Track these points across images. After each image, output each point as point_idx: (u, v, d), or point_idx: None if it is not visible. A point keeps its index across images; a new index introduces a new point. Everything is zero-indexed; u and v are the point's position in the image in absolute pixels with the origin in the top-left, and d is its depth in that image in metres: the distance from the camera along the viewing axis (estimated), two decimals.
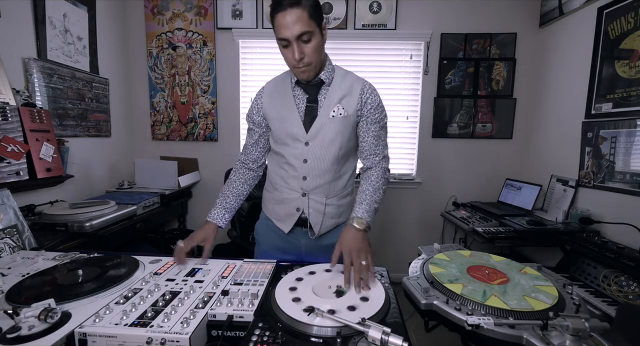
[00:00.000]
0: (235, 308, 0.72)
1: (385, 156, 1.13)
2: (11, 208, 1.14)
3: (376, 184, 1.07)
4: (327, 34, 1.01)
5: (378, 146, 1.11)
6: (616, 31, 1.78)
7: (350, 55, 2.59)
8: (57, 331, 0.62)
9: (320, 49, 0.99)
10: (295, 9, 0.89)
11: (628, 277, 1.33)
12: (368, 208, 1.01)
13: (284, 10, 0.89)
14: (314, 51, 0.96)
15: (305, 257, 1.18)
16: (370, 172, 1.11)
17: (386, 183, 1.11)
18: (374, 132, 1.09)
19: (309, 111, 1.07)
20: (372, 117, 1.08)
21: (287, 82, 1.10)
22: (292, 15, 0.89)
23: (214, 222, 1.11)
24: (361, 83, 1.08)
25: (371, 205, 1.02)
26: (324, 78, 1.06)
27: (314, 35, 0.94)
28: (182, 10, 2.54)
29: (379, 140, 1.11)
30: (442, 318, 0.74)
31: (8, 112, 1.50)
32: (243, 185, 1.19)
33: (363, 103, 1.07)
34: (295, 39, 0.92)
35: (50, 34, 1.84)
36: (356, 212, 1.01)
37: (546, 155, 2.37)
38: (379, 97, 1.10)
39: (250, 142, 1.19)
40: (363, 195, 1.05)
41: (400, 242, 2.77)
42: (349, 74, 1.11)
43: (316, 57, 0.98)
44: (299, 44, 0.93)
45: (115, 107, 2.44)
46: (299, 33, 0.91)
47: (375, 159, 1.11)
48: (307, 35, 0.92)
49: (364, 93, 1.07)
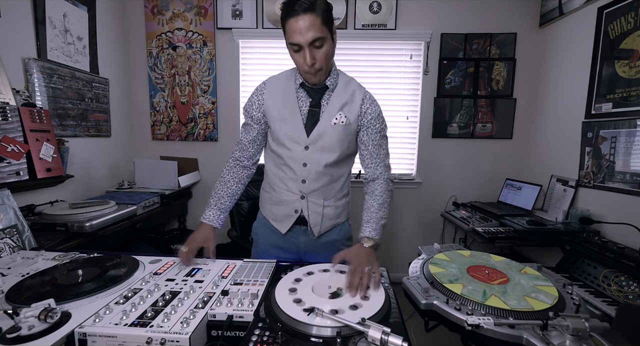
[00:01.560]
0: (235, 308, 0.72)
1: (387, 165, 1.13)
2: (11, 208, 1.14)
3: (380, 199, 1.07)
4: (337, 38, 0.99)
5: (379, 155, 1.10)
6: (616, 31, 1.78)
7: (350, 55, 2.59)
8: (57, 331, 0.62)
9: (331, 55, 0.98)
10: (308, 14, 0.87)
11: (628, 277, 1.33)
12: (375, 226, 1.01)
13: (296, 15, 0.87)
14: (325, 57, 0.95)
15: (303, 255, 1.19)
16: (374, 186, 1.10)
17: (391, 195, 1.11)
18: (375, 142, 1.09)
19: (311, 115, 1.06)
20: (372, 128, 1.08)
21: (291, 83, 1.08)
22: (306, 21, 0.87)
23: (210, 223, 1.10)
24: (362, 92, 1.08)
25: (378, 222, 1.02)
26: (329, 83, 1.05)
27: (326, 41, 0.92)
28: (182, 10, 2.54)
29: (380, 149, 1.10)
30: (442, 318, 0.74)
31: (8, 112, 1.50)
32: (237, 185, 1.17)
33: (363, 113, 1.07)
34: (307, 44, 0.90)
35: (50, 34, 1.84)
36: (363, 232, 1.01)
37: (546, 155, 2.37)
38: (379, 107, 1.10)
39: (247, 139, 1.14)
40: (369, 213, 1.05)
41: (400, 242, 2.77)
42: (351, 81, 1.11)
43: (327, 63, 0.98)
44: (310, 50, 0.92)
45: (115, 107, 2.44)
46: (312, 39, 0.89)
47: (377, 170, 1.11)
48: (320, 41, 0.91)
49: (364, 103, 1.07)
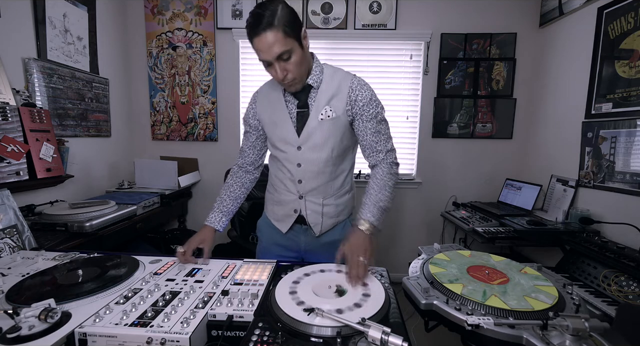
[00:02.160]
0: (235, 308, 0.72)
1: (389, 150, 1.08)
2: (11, 208, 1.14)
3: (381, 182, 1.04)
4: (308, 41, 0.98)
5: (379, 142, 1.07)
6: (616, 31, 1.78)
7: (350, 55, 2.59)
8: (57, 331, 0.62)
9: (303, 62, 0.97)
10: (269, 31, 0.87)
11: (628, 277, 1.33)
12: (371, 209, 1.00)
13: (259, 34, 0.88)
14: (296, 66, 0.95)
15: (305, 254, 1.19)
16: (375, 170, 1.08)
17: (393, 178, 1.06)
18: (372, 129, 1.05)
19: (300, 117, 1.06)
20: (366, 114, 1.04)
21: (278, 88, 1.09)
22: (268, 38, 0.88)
23: (211, 225, 1.13)
24: (349, 80, 1.05)
25: (375, 205, 1.01)
26: (312, 82, 1.04)
27: (293, 51, 0.93)
28: (182, 10, 2.54)
29: (380, 136, 1.07)
30: (442, 318, 0.74)
31: (8, 112, 1.50)
32: (240, 189, 1.20)
33: (353, 102, 1.04)
34: (275, 59, 0.92)
35: (50, 34, 1.84)
36: (360, 213, 1.01)
37: (546, 155, 2.36)
38: (370, 91, 1.05)
39: (247, 145, 1.20)
40: (368, 196, 1.04)
41: (400, 242, 2.77)
42: (337, 71, 1.08)
43: (300, 70, 0.97)
44: (279, 63, 0.93)
45: (115, 107, 2.44)
46: (277, 54, 0.90)
47: (378, 156, 1.07)
48: (287, 54, 0.92)
49: (352, 92, 1.03)
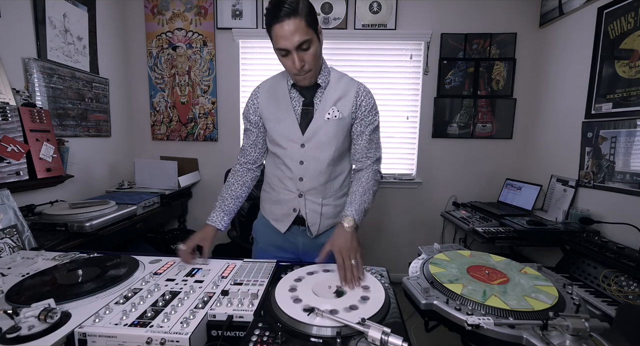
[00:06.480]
0: (235, 308, 0.72)
1: (377, 159, 1.13)
2: (11, 208, 1.14)
3: (366, 185, 1.07)
4: (323, 37, 1.00)
5: (370, 149, 1.11)
6: (616, 31, 1.78)
7: (350, 55, 2.59)
8: (57, 331, 0.62)
9: (319, 55, 0.99)
10: (292, 18, 0.87)
11: (628, 277, 1.33)
12: (358, 208, 1.01)
13: (281, 21, 0.88)
14: (314, 58, 0.96)
15: (302, 255, 1.19)
16: (361, 174, 1.11)
17: (376, 184, 1.11)
18: (367, 136, 1.10)
19: (305, 114, 1.07)
20: (366, 120, 1.09)
21: (283, 84, 1.10)
22: (290, 26, 0.88)
23: (213, 224, 1.12)
24: (356, 85, 1.09)
25: (361, 205, 1.02)
26: (321, 81, 1.06)
27: (312, 42, 0.93)
28: (182, 10, 2.54)
29: (372, 144, 1.11)
30: (442, 318, 0.74)
31: (8, 112, 1.50)
32: (242, 188, 1.19)
33: (358, 106, 1.08)
34: (294, 48, 0.91)
35: (50, 34, 1.84)
36: (346, 211, 1.01)
37: (546, 155, 2.36)
38: (373, 99, 1.10)
39: (248, 143, 1.19)
40: (353, 196, 1.05)
41: (400, 242, 2.77)
42: (344, 76, 1.11)
43: (316, 63, 0.98)
44: (298, 53, 0.93)
45: (115, 107, 2.44)
46: (299, 43, 0.90)
47: (367, 162, 1.12)
48: (307, 44, 0.92)
49: (359, 96, 1.07)
